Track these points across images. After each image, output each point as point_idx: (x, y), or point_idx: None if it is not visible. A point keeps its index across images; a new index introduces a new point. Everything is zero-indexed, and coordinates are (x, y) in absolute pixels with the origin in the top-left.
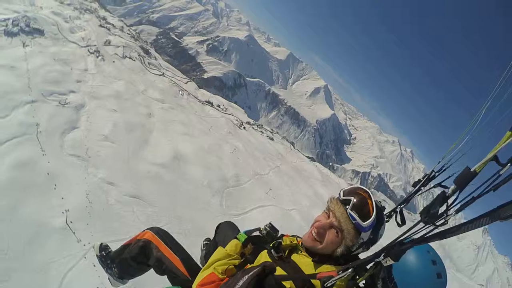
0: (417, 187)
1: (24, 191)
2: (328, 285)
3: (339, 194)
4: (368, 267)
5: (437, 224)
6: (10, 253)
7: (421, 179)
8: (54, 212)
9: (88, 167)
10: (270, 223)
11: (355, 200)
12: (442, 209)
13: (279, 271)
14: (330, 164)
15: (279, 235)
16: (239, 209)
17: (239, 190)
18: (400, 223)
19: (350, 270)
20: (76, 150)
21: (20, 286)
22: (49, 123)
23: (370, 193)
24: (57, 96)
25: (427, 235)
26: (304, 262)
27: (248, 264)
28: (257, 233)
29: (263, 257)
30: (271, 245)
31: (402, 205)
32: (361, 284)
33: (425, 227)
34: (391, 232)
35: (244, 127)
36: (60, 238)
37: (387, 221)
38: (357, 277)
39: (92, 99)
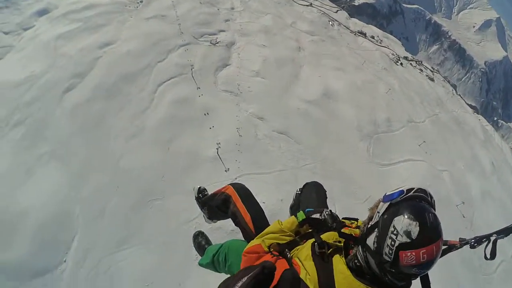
0: None
1: (181, 124)
2: None
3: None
4: None
5: None
6: (166, 178)
7: None
8: (207, 143)
9: (239, 102)
10: (330, 210)
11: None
12: None
13: (311, 267)
14: (495, 119)
15: (336, 226)
16: (386, 159)
17: (390, 137)
18: (489, 256)
19: None
20: (228, 86)
21: (172, 204)
22: (203, 62)
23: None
24: (208, 36)
25: None
26: (340, 269)
27: (301, 243)
28: (317, 215)
29: (306, 247)
30: (321, 235)
31: (500, 236)
32: None
33: None
34: None
35: (401, 63)
36: (211, 167)
37: (474, 246)
38: None
39: (242, 36)
